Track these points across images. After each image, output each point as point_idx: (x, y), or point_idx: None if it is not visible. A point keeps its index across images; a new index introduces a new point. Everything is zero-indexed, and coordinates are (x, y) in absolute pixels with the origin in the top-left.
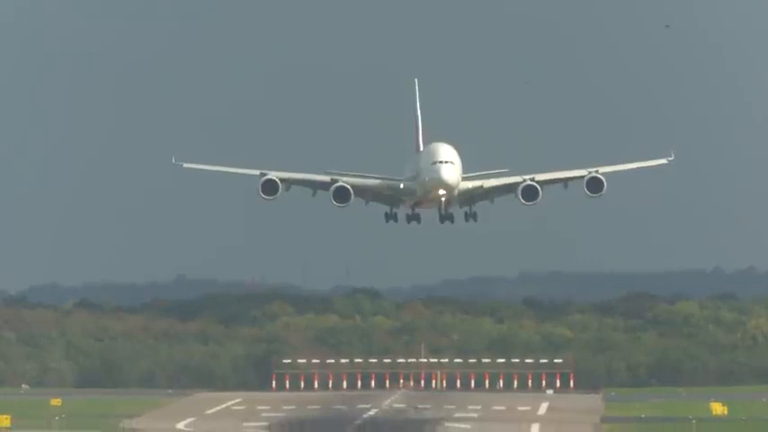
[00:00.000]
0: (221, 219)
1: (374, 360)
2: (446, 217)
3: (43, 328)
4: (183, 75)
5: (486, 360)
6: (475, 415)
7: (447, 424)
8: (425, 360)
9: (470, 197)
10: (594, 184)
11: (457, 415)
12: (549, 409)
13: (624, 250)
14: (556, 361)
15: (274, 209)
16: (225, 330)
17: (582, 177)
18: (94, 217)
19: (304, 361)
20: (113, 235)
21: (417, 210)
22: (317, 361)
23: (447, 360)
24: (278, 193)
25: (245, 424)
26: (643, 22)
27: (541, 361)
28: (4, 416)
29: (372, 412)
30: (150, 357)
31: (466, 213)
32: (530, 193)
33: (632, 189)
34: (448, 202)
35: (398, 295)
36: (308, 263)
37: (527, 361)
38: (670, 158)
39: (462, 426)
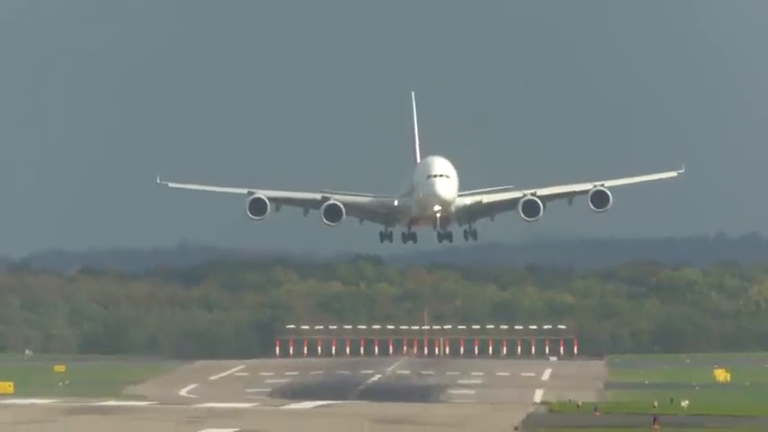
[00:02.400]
0: (223, 183)
1: (377, 326)
2: (444, 236)
3: (47, 294)
4: (181, 77)
5: (490, 326)
6: (478, 381)
7: (451, 390)
8: (428, 327)
9: (469, 214)
10: (600, 199)
11: (461, 381)
12: (552, 375)
13: (627, 216)
14: (559, 327)
15: (277, 175)
16: (228, 297)
17: (587, 191)
18: (97, 183)
19: (307, 327)
20: (116, 201)
21: (414, 228)
22: (321, 327)
23: (450, 326)
24: (267, 213)
25: (248, 390)
26: (644, 25)
27: (545, 327)
28: (7, 383)
29: (376, 378)
30: (154, 323)
31: (465, 231)
32: (531, 208)
33: (638, 154)
34: (446, 219)
35: (400, 261)
36: (310, 229)
37: (530, 327)
38: (680, 171)
39: (466, 392)
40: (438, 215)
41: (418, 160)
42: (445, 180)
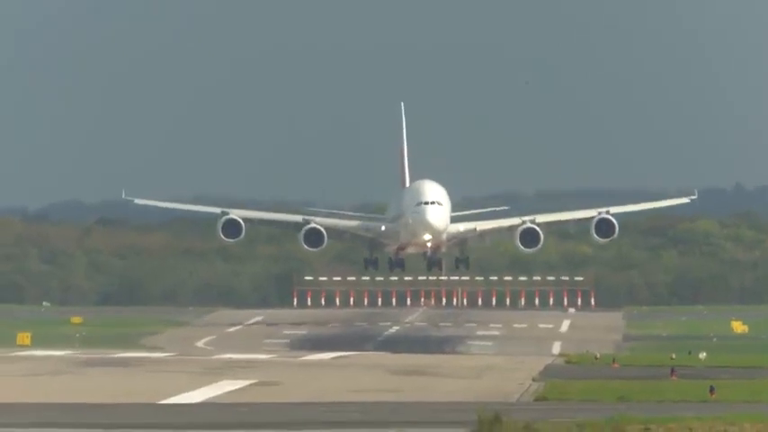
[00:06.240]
0: (241, 136)
1: (395, 278)
2: (434, 263)
3: (64, 246)
4: (179, 77)
5: (508, 278)
6: (496, 333)
7: (469, 342)
8: (446, 278)
9: (462, 240)
10: (605, 228)
11: (479, 333)
12: (570, 327)
13: (643, 168)
14: (577, 279)
15: (293, 129)
16: (246, 248)
17: (591, 219)
18: (114, 134)
19: (325, 278)
20: (133, 152)
21: (402, 254)
22: (339, 278)
23: (468, 278)
24: (242, 235)
25: (265, 341)
26: (640, 28)
27: (562, 279)
28: (25, 334)
29: (394, 330)
30: (172, 275)
31: (457, 259)
32: (529, 237)
33: (654, 109)
34: (437, 246)
35: None
36: (327, 180)
37: (548, 279)
38: (693, 197)
39: (484, 343)
40: (428, 244)
41: (408, 179)
42: (437, 208)
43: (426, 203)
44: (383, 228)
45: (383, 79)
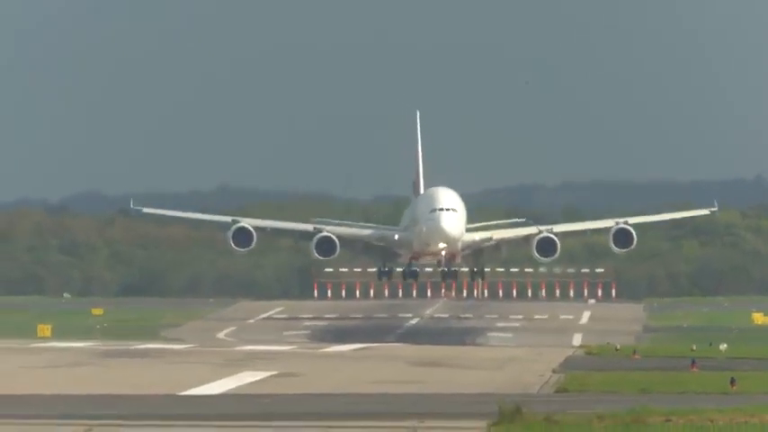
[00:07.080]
0: (263, 126)
1: (416, 269)
2: (449, 274)
3: (85, 237)
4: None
5: (529, 269)
6: (517, 324)
7: (489, 333)
8: (467, 269)
9: (478, 251)
10: (623, 238)
11: (499, 324)
12: (591, 318)
13: (665, 159)
14: (597, 270)
15: (316, 119)
16: (267, 240)
17: (608, 229)
18: (135, 124)
19: (346, 270)
20: (155, 143)
21: (416, 265)
22: (359, 270)
23: (489, 269)
24: (252, 244)
25: (286, 333)
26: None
27: (583, 270)
28: (46, 325)
29: (414, 321)
30: (193, 266)
31: (472, 271)
32: (546, 246)
33: (675, 98)
34: (452, 255)
35: None
36: (349, 172)
37: (569, 270)
38: (713, 209)
39: (504, 335)
40: (443, 252)
41: (422, 188)
42: (452, 214)
43: (441, 210)
44: (396, 236)
45: (386, 78)
